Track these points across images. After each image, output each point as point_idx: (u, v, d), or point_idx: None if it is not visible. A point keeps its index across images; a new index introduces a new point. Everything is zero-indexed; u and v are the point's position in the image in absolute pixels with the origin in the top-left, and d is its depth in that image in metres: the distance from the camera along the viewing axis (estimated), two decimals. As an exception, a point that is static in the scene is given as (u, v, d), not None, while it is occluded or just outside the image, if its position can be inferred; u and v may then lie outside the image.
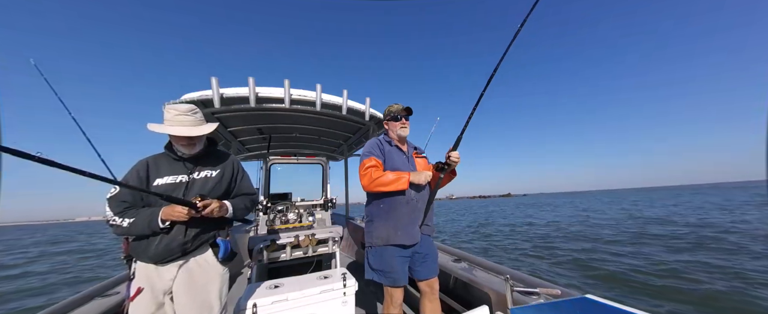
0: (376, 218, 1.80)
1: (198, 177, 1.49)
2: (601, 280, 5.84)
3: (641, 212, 19.82)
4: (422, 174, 1.69)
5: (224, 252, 1.50)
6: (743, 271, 5.59)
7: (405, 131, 1.91)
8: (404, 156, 1.92)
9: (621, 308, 0.93)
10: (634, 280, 5.60)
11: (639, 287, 5.27)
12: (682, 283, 5.27)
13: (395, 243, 1.70)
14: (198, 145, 1.51)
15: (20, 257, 14.56)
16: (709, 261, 6.45)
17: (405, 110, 1.90)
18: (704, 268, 6.01)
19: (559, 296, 1.35)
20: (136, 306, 1.35)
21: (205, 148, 1.57)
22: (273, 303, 1.89)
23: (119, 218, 1.32)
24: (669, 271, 5.95)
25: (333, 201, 3.90)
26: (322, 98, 2.80)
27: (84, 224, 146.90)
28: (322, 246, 3.21)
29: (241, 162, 1.64)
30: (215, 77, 2.46)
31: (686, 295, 4.73)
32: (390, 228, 1.72)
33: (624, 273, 5.99)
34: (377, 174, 1.69)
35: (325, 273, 2.32)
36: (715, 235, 9.33)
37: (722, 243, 8.14)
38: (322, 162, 4.74)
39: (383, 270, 1.71)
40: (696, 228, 11.30)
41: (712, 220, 13.28)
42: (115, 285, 1.89)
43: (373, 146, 1.86)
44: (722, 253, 7.12)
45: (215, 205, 1.38)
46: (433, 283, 1.79)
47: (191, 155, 1.51)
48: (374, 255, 1.77)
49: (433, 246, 1.88)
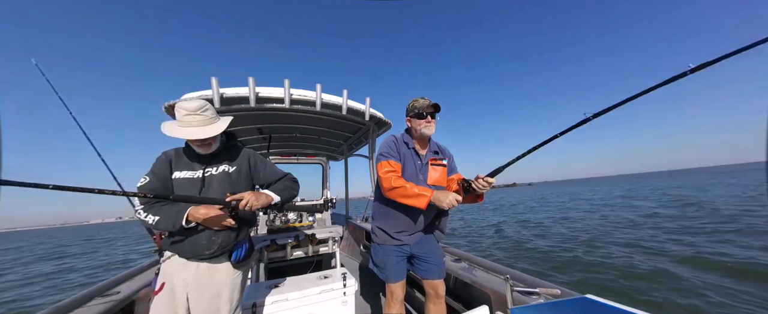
0: (377, 217, 1.85)
1: (216, 172, 1.43)
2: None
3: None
4: (447, 197, 1.49)
5: (238, 256, 1.44)
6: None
7: (429, 130, 1.71)
8: (419, 162, 1.77)
9: (621, 308, 0.93)
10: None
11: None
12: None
13: (390, 244, 1.74)
14: (214, 145, 1.43)
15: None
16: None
17: (431, 106, 1.69)
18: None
19: (559, 296, 1.35)
20: (159, 300, 1.35)
21: (223, 144, 1.50)
22: (273, 303, 1.89)
23: (144, 212, 1.29)
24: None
25: (333, 201, 3.90)
26: (322, 98, 2.80)
27: (102, 226, 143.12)
28: (322, 246, 3.21)
29: (257, 154, 1.59)
30: (215, 77, 2.46)
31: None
32: (389, 229, 1.75)
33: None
34: (398, 183, 1.56)
35: (325, 273, 2.33)
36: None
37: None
38: (322, 163, 4.74)
39: (379, 265, 1.78)
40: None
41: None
42: (115, 285, 1.89)
43: (390, 147, 1.73)
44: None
45: (249, 197, 1.27)
46: (436, 286, 1.76)
47: (210, 153, 1.45)
48: (375, 250, 1.84)
49: (438, 249, 1.85)
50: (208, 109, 1.37)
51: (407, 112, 1.80)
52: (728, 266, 5.34)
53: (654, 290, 4.64)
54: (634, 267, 5.76)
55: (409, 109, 1.78)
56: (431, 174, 1.79)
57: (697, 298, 4.24)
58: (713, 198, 15.94)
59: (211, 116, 1.39)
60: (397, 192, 1.55)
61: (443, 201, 1.48)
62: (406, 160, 1.74)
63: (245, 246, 1.50)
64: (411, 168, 1.74)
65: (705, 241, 7.23)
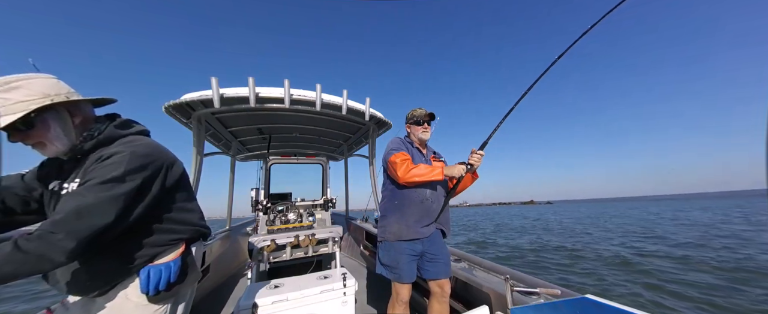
0: (389, 213, 1.88)
1: (68, 187, 0.96)
2: None
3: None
4: (456, 167, 1.70)
5: (147, 285, 1.01)
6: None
7: (426, 135, 1.99)
8: (423, 159, 1.98)
9: (621, 308, 0.93)
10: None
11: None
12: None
13: (406, 238, 1.76)
14: (52, 146, 0.95)
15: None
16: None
17: (428, 115, 1.98)
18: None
19: (559, 296, 1.35)
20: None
21: (78, 149, 0.99)
22: (273, 303, 1.89)
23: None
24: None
25: (333, 201, 3.90)
26: (322, 98, 2.80)
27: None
28: (322, 246, 3.21)
29: (118, 159, 0.94)
30: (215, 77, 2.46)
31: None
32: (402, 223, 1.78)
33: None
34: (412, 165, 1.76)
35: (325, 273, 2.33)
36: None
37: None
38: (322, 162, 4.74)
39: (390, 265, 1.78)
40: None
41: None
42: None
43: (399, 143, 1.94)
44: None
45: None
46: (443, 284, 1.80)
47: (57, 158, 1.02)
48: (384, 250, 1.85)
49: (445, 248, 1.91)
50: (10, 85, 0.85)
51: (407, 120, 2.06)
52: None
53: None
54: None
55: (408, 118, 2.05)
56: (436, 166, 1.99)
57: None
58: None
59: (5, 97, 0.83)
60: (414, 172, 1.72)
61: (453, 170, 1.69)
62: (414, 156, 1.91)
63: (160, 274, 1.03)
64: (420, 162, 1.90)
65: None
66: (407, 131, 2.08)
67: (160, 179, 1.04)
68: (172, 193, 1.12)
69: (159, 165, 1.04)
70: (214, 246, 3.44)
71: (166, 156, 1.10)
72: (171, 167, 1.10)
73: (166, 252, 1.09)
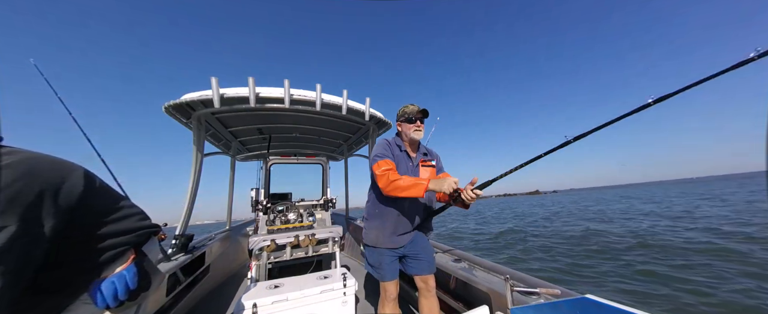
0: (371, 219, 1.89)
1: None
2: None
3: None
4: (445, 182, 1.52)
5: (103, 300, 0.84)
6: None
7: (418, 135, 1.84)
8: (411, 163, 1.88)
9: (621, 308, 0.93)
10: None
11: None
12: None
13: (384, 246, 1.79)
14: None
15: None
16: None
17: (420, 112, 1.81)
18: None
19: (559, 296, 1.36)
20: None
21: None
22: (273, 303, 1.89)
23: None
24: None
25: (333, 201, 3.90)
26: (322, 98, 2.80)
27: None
28: (323, 246, 3.21)
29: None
30: (215, 77, 2.46)
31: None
32: (381, 232, 1.80)
33: None
34: (394, 176, 1.63)
35: (325, 273, 2.33)
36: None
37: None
38: (322, 163, 4.74)
39: (375, 265, 1.83)
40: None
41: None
42: None
43: (384, 147, 1.80)
44: None
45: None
46: (427, 279, 1.83)
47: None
48: (368, 252, 1.90)
49: (427, 245, 1.93)
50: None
51: (398, 117, 1.91)
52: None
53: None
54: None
55: (399, 115, 1.89)
56: (422, 174, 1.91)
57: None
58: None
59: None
60: (395, 184, 1.60)
61: (443, 185, 1.52)
62: (399, 162, 1.82)
63: (114, 285, 0.84)
64: (404, 169, 1.83)
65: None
66: (398, 130, 1.94)
67: (47, 208, 0.65)
68: (82, 211, 0.78)
69: (35, 192, 0.63)
70: (215, 246, 3.44)
71: (44, 177, 0.67)
72: (59, 188, 0.69)
73: (112, 267, 0.86)
